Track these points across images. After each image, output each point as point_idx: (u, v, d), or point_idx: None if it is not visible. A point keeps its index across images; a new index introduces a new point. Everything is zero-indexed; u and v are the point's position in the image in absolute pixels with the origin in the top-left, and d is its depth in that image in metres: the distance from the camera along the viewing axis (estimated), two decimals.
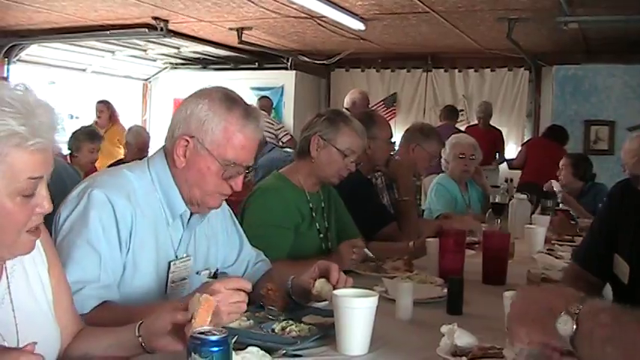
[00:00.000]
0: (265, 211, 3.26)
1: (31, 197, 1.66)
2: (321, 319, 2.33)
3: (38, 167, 1.65)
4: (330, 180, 3.45)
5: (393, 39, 10.19)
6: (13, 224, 1.65)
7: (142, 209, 2.35)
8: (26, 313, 1.80)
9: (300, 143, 3.47)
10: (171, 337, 1.80)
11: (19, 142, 1.59)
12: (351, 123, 3.44)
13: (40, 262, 1.91)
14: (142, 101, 13.55)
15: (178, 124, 2.39)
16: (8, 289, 1.79)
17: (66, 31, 10.06)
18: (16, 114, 1.59)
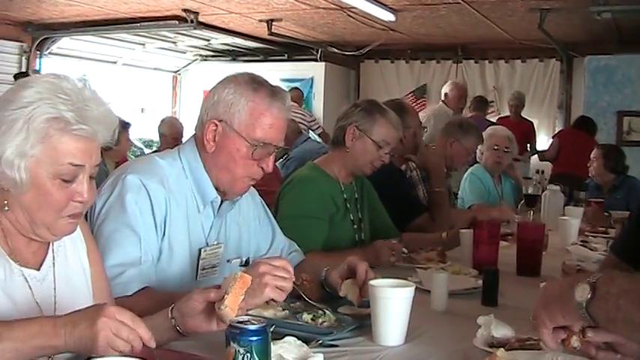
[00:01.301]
0: (300, 202, 3.26)
1: (71, 183, 1.74)
2: (357, 310, 2.32)
3: (80, 155, 1.73)
4: (362, 170, 3.44)
5: (423, 30, 10.13)
6: (50, 205, 1.75)
7: (174, 195, 2.38)
8: (65, 293, 1.87)
9: (335, 133, 3.47)
10: (204, 317, 1.82)
11: (64, 126, 1.69)
12: (387, 114, 3.43)
13: (81, 246, 1.99)
14: (172, 93, 13.60)
15: (207, 110, 2.43)
16: (53, 267, 1.88)
17: (97, 23, 10.12)
18: (67, 102, 1.70)
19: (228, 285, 1.76)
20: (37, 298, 1.80)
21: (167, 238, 2.36)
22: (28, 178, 1.70)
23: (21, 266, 1.80)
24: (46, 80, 1.75)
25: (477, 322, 2.12)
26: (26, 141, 1.68)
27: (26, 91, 1.71)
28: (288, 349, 1.75)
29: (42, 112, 1.68)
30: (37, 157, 1.70)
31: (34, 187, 1.72)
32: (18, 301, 1.74)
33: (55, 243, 1.91)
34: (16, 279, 1.78)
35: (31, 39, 10.75)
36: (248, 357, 1.49)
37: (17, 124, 1.67)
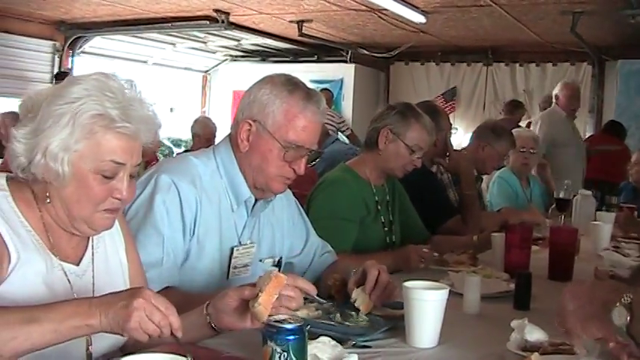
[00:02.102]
0: (332, 203, 3.26)
1: (111, 179, 1.79)
2: (390, 311, 2.32)
3: (122, 153, 1.78)
4: (394, 173, 3.45)
5: (453, 32, 10.09)
6: (89, 199, 1.79)
7: (207, 194, 2.40)
8: (104, 288, 1.88)
9: (369, 134, 3.47)
10: (238, 314, 1.84)
11: (108, 123, 1.74)
12: (421, 119, 3.41)
13: (120, 243, 2.03)
14: (202, 93, 13.67)
15: (242, 110, 2.45)
16: (92, 263, 1.92)
17: (129, 23, 10.20)
18: (113, 100, 1.75)
19: (263, 284, 1.77)
20: (75, 292, 1.83)
21: (196, 237, 2.38)
22: (70, 171, 1.74)
23: (61, 261, 1.84)
24: (94, 78, 1.79)
25: (510, 325, 2.10)
26: (71, 136, 1.72)
27: (74, 87, 1.76)
28: (323, 349, 1.75)
29: (88, 108, 1.73)
30: (81, 151, 1.74)
31: (75, 181, 1.76)
32: (58, 294, 1.78)
33: (94, 239, 1.95)
34: (57, 273, 1.82)
35: (63, 38, 10.86)
36: (285, 356, 1.49)
37: (64, 118, 1.72)
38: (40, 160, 1.74)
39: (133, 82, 1.85)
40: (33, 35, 10.50)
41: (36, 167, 1.75)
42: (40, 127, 1.74)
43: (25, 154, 1.76)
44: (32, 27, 10.38)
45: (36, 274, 1.76)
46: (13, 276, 1.71)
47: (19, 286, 1.72)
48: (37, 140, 1.74)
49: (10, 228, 1.74)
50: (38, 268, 1.77)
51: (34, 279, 1.75)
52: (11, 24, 9.97)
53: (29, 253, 1.76)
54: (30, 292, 1.73)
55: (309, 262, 2.77)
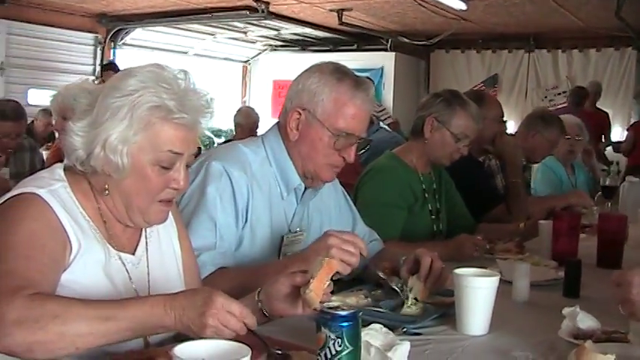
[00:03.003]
0: (380, 191, 3.26)
1: (169, 170, 1.81)
2: (440, 298, 2.31)
3: (179, 143, 1.79)
4: (440, 162, 3.43)
5: (494, 19, 10.00)
6: (147, 190, 1.81)
7: (257, 182, 2.41)
8: (159, 277, 1.93)
9: (415, 122, 3.45)
10: (290, 300, 1.85)
11: (166, 114, 1.75)
12: (467, 107, 3.38)
13: (172, 231, 2.05)
14: (242, 83, 13.73)
15: (291, 99, 2.46)
16: (146, 251, 1.95)
17: (169, 14, 10.29)
18: (169, 91, 1.76)
19: (315, 270, 1.77)
20: (133, 281, 1.86)
21: (249, 225, 2.40)
22: (129, 163, 1.76)
23: (118, 251, 1.86)
24: (149, 70, 1.81)
25: (560, 313, 2.09)
26: (129, 128, 1.74)
27: (130, 79, 1.77)
28: (375, 335, 1.75)
29: (145, 100, 1.74)
30: (139, 143, 1.76)
31: (134, 172, 1.78)
32: (117, 283, 1.81)
33: (147, 228, 1.97)
34: (114, 262, 1.84)
35: (105, 30, 11.00)
36: (339, 343, 1.49)
37: (122, 111, 1.74)
38: (100, 152, 1.76)
39: (187, 72, 1.86)
40: (75, 28, 10.65)
41: (95, 160, 1.77)
42: (97, 120, 1.76)
43: (83, 147, 1.78)
44: (74, 20, 10.51)
45: (96, 262, 1.78)
46: (75, 264, 1.74)
47: (81, 275, 1.74)
48: (96, 133, 1.76)
49: (71, 218, 1.76)
50: (98, 256, 1.79)
51: (94, 267, 1.78)
52: (54, 17, 10.11)
53: (89, 242, 1.78)
54: (91, 280, 1.76)
55: None
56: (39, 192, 1.74)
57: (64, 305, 1.52)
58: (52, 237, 1.71)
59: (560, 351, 1.95)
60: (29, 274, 1.59)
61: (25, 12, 9.75)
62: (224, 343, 1.45)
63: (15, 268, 1.60)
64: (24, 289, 1.52)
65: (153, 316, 1.55)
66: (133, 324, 1.55)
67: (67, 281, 1.72)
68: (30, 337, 1.47)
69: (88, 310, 1.53)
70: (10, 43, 9.89)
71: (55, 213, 1.73)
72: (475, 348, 2.01)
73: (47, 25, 10.12)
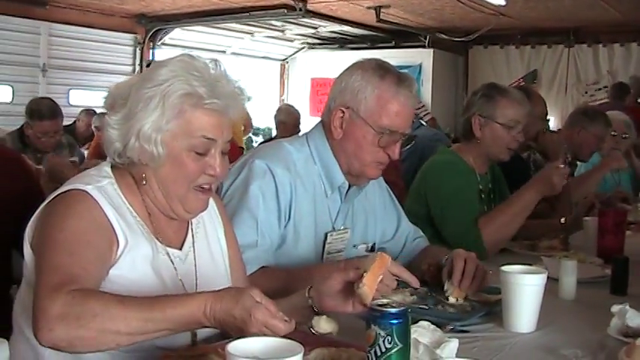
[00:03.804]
0: (456, 180, 3.23)
1: (204, 156, 1.83)
2: (485, 296, 2.30)
3: (211, 129, 1.82)
4: (499, 157, 3.36)
5: (533, 14, 9.91)
6: (184, 177, 1.84)
7: (301, 180, 2.42)
8: (206, 272, 1.95)
9: (463, 126, 3.40)
10: (341, 297, 1.84)
11: (197, 101, 1.78)
12: (507, 94, 3.33)
13: (219, 227, 2.07)
14: (280, 81, 13.77)
15: (334, 97, 2.45)
16: (193, 246, 1.97)
17: (207, 14, 10.36)
18: (199, 78, 1.79)
19: (368, 265, 1.77)
20: (180, 276, 1.88)
21: (292, 222, 2.40)
22: (164, 151, 1.79)
23: (165, 245, 1.89)
24: (180, 59, 1.84)
25: (609, 310, 2.07)
26: (162, 116, 1.77)
27: (161, 70, 1.81)
28: (423, 333, 1.75)
29: (176, 88, 1.77)
30: (173, 131, 1.79)
31: (170, 160, 1.81)
32: (164, 278, 1.83)
33: (193, 223, 2.00)
34: (162, 257, 1.86)
35: (144, 31, 11.10)
36: (389, 340, 1.49)
37: (153, 100, 1.77)
38: (135, 143, 1.79)
39: (217, 61, 1.88)
40: (115, 29, 10.77)
41: (131, 150, 1.80)
42: (131, 111, 1.79)
43: (119, 139, 1.82)
44: (114, 21, 10.63)
45: (143, 258, 1.81)
46: (122, 260, 1.76)
47: (129, 270, 1.77)
48: (130, 124, 1.79)
49: (118, 214, 1.79)
50: (145, 252, 1.82)
51: (142, 263, 1.80)
52: (94, 19, 10.23)
53: (136, 237, 1.81)
54: (139, 275, 1.78)
55: (400, 247, 2.76)
56: (87, 188, 1.77)
57: (104, 304, 1.53)
58: (98, 234, 1.73)
59: (609, 349, 1.93)
60: (73, 271, 1.62)
61: (66, 14, 9.88)
62: (277, 340, 1.45)
63: (59, 265, 1.63)
64: (67, 285, 1.55)
65: (192, 318, 1.56)
66: (172, 325, 1.57)
67: (115, 276, 1.74)
68: (72, 332, 1.50)
69: (128, 310, 1.54)
70: (52, 44, 10.03)
71: (103, 209, 1.76)
72: (523, 345, 1.99)
73: (88, 27, 10.25)
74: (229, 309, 1.55)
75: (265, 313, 1.54)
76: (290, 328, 1.57)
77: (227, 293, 1.59)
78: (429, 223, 3.16)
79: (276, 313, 1.57)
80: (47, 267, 1.63)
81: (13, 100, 9.27)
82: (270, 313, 1.55)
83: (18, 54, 9.61)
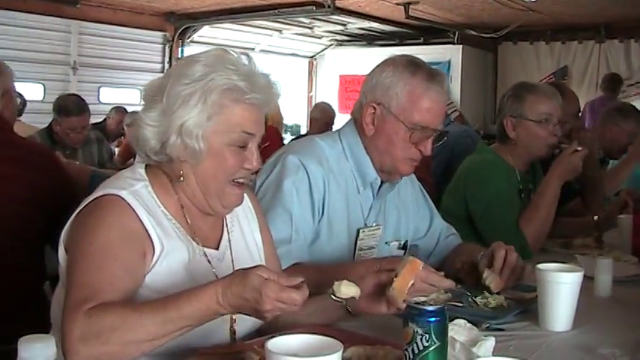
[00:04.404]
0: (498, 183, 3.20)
1: (243, 150, 1.83)
2: (520, 294, 2.29)
3: (251, 124, 1.83)
4: (540, 154, 3.33)
5: (564, 9, 9.81)
6: (223, 171, 1.84)
7: (334, 176, 2.43)
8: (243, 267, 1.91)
9: (497, 130, 3.39)
10: (375, 299, 1.85)
11: (238, 96, 1.79)
12: (535, 89, 3.31)
13: (254, 223, 2.08)
14: (308, 78, 13.77)
15: (366, 94, 2.45)
16: (229, 244, 1.97)
17: (236, 11, 10.38)
18: (237, 72, 1.79)
19: (399, 269, 1.78)
20: (218, 276, 1.85)
21: (326, 218, 2.41)
22: (205, 147, 1.79)
23: (203, 246, 1.89)
24: (213, 54, 1.85)
25: None
26: (203, 112, 1.77)
27: (196, 65, 1.81)
28: (459, 331, 1.74)
29: (217, 84, 1.77)
30: (214, 126, 1.79)
31: (211, 155, 1.81)
32: (201, 281, 1.79)
33: (228, 221, 2.00)
34: (199, 258, 1.86)
35: (173, 28, 11.16)
36: (426, 338, 1.49)
37: (194, 97, 1.77)
38: (176, 140, 1.79)
39: (249, 54, 1.88)
40: (144, 27, 10.84)
41: (172, 148, 1.80)
42: (169, 108, 1.79)
43: (156, 137, 1.81)
44: (143, 19, 10.69)
45: (180, 262, 1.80)
46: (158, 266, 1.76)
47: (165, 275, 1.77)
48: (169, 121, 1.79)
49: (154, 218, 1.79)
50: (181, 255, 1.81)
51: (178, 267, 1.80)
52: (124, 17, 10.30)
53: (172, 241, 1.80)
54: (176, 280, 1.77)
55: (433, 244, 2.75)
56: (121, 194, 1.77)
57: (121, 316, 1.55)
58: (128, 244, 1.72)
59: None
60: (99, 286, 1.62)
61: (96, 12, 9.95)
62: (316, 337, 1.45)
63: (85, 281, 1.64)
64: (88, 302, 1.56)
65: (209, 310, 1.58)
66: (191, 321, 1.58)
67: (151, 282, 1.75)
68: (95, 351, 1.52)
69: (144, 317, 1.55)
70: (82, 43, 10.11)
71: (137, 215, 1.76)
72: (560, 344, 1.98)
73: (118, 25, 10.31)
74: (240, 292, 1.56)
75: (275, 288, 1.54)
76: (304, 294, 1.58)
77: (234, 277, 1.59)
78: (467, 223, 3.15)
79: (286, 283, 1.57)
80: (74, 283, 1.65)
81: (44, 98, 9.34)
82: (280, 286, 1.56)
83: (49, 52, 9.71)
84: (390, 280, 1.78)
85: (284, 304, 1.55)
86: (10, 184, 2.91)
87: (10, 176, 2.92)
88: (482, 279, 2.32)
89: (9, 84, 3.11)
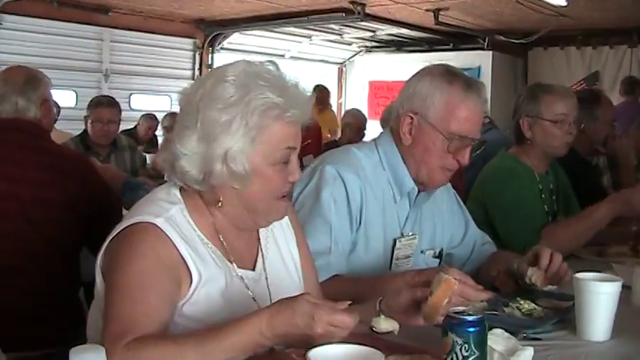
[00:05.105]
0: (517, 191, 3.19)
1: (287, 165, 1.81)
2: (557, 303, 2.28)
3: (292, 138, 1.81)
4: (557, 152, 3.33)
5: (595, 14, 9.72)
6: (271, 191, 1.82)
7: (370, 186, 2.42)
8: (280, 287, 1.93)
9: (514, 130, 3.38)
10: (412, 312, 1.85)
11: (279, 113, 1.75)
12: (550, 89, 3.31)
13: (290, 238, 2.06)
14: (338, 85, 13.79)
15: (403, 103, 2.45)
16: (263, 265, 1.94)
17: (266, 18, 10.42)
18: (272, 87, 1.75)
19: (434, 286, 1.78)
20: (256, 299, 1.86)
21: (363, 228, 2.41)
22: (251, 169, 1.76)
23: (238, 268, 1.87)
24: (240, 71, 1.78)
25: None
26: (246, 137, 1.74)
27: (227, 86, 1.75)
28: (497, 340, 1.73)
29: (255, 105, 1.73)
30: (258, 148, 1.75)
31: (258, 177, 1.78)
32: (238, 306, 1.79)
33: (262, 237, 1.98)
34: (236, 283, 1.84)
35: (203, 35, 11.25)
36: (466, 348, 1.49)
37: (234, 123, 1.73)
38: (222, 168, 1.75)
39: (273, 61, 1.85)
40: (175, 34, 10.95)
41: (217, 177, 1.77)
42: (207, 135, 1.74)
43: (197, 167, 1.77)
44: (174, 26, 10.78)
45: (217, 289, 1.78)
46: (197, 295, 1.74)
47: (203, 304, 1.74)
48: (210, 151, 1.74)
49: (189, 246, 1.76)
50: (218, 282, 1.79)
51: (215, 294, 1.78)
52: (154, 24, 10.39)
53: (209, 269, 1.78)
54: (212, 307, 1.76)
55: (468, 253, 2.74)
56: (157, 222, 1.74)
57: (160, 350, 1.54)
58: (163, 273, 1.70)
59: None
60: (135, 318, 1.61)
61: (127, 20, 10.05)
62: (358, 347, 1.46)
63: (121, 313, 1.63)
64: (126, 336, 1.55)
65: (250, 342, 1.56)
66: (232, 353, 1.57)
67: (190, 311, 1.74)
68: None
69: (183, 350, 1.54)
70: (114, 50, 10.23)
71: (174, 244, 1.73)
72: (598, 354, 1.97)
73: (148, 32, 10.41)
74: (289, 319, 1.54)
75: (327, 311, 1.54)
76: (356, 318, 1.57)
77: (281, 305, 1.58)
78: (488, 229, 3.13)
79: (337, 307, 1.56)
80: (110, 316, 1.64)
81: (76, 105, 9.45)
82: (332, 309, 1.55)
83: (82, 60, 9.84)
84: (425, 296, 1.78)
85: (336, 328, 1.54)
86: (46, 191, 2.96)
87: (46, 182, 2.97)
88: (527, 276, 2.33)
89: (47, 93, 3.16)
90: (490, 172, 3.34)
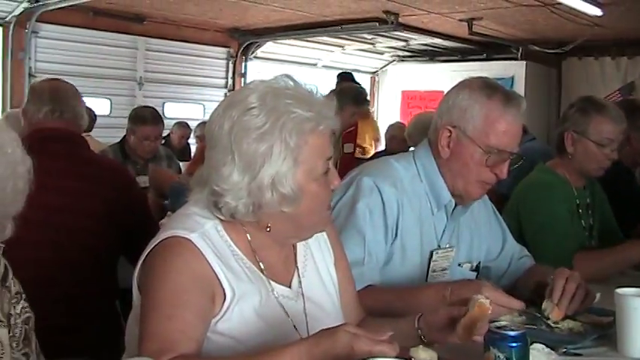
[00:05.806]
0: (554, 206, 3.16)
1: (327, 174, 1.82)
2: (597, 318, 2.26)
3: (327, 148, 1.82)
4: (592, 174, 3.29)
5: (630, 24, 9.63)
6: (320, 204, 1.84)
7: (408, 197, 2.43)
8: (316, 305, 1.93)
9: (556, 139, 3.34)
10: (448, 331, 1.83)
11: (313, 127, 1.76)
12: (603, 109, 3.22)
13: (328, 256, 2.05)
14: (370, 94, 13.75)
15: (441, 116, 2.45)
16: (300, 283, 1.93)
17: (299, 27, 10.42)
18: (298, 102, 1.75)
19: (471, 307, 1.77)
20: (291, 317, 1.85)
21: (399, 240, 2.41)
22: (298, 189, 1.76)
23: (274, 283, 1.86)
24: (262, 93, 1.77)
25: None
26: (289, 158, 1.74)
27: (255, 114, 1.74)
28: (538, 356, 1.74)
29: (289, 128, 1.73)
30: (300, 168, 1.76)
31: (305, 195, 1.78)
32: (273, 323, 1.80)
33: (301, 254, 1.98)
34: (271, 300, 1.83)
35: (237, 44, 11.29)
36: None
37: (275, 149, 1.73)
38: (272, 196, 1.75)
39: (289, 75, 1.83)
40: (208, 43, 10.99)
41: (270, 205, 1.76)
42: (249, 168, 1.73)
43: (245, 199, 1.76)
44: (208, 35, 10.84)
45: (252, 306, 1.78)
46: (230, 312, 1.74)
47: (237, 322, 1.75)
48: (258, 181, 1.74)
49: (223, 263, 1.76)
50: (253, 299, 1.79)
51: (249, 311, 1.77)
52: (188, 33, 10.45)
53: (243, 286, 1.78)
54: (248, 325, 1.76)
55: (506, 266, 2.73)
56: (191, 237, 1.74)
57: None
58: (197, 289, 1.71)
59: None
60: (170, 335, 1.62)
61: (162, 29, 10.12)
62: None
63: (156, 330, 1.64)
64: (162, 354, 1.56)
65: None
66: None
67: (224, 329, 1.74)
68: None
69: None
70: (148, 59, 10.30)
71: (207, 260, 1.73)
72: None
73: (182, 41, 10.47)
74: (329, 349, 1.53)
75: (367, 342, 1.52)
76: (396, 348, 1.55)
77: (321, 336, 1.57)
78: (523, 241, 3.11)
79: (377, 338, 1.55)
80: (146, 333, 1.65)
81: (111, 113, 9.55)
82: (372, 341, 1.54)
83: (117, 68, 9.91)
84: (460, 316, 1.77)
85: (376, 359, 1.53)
86: (83, 200, 2.99)
87: (84, 192, 3.01)
88: (542, 309, 2.29)
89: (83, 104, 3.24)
90: (527, 186, 3.31)
